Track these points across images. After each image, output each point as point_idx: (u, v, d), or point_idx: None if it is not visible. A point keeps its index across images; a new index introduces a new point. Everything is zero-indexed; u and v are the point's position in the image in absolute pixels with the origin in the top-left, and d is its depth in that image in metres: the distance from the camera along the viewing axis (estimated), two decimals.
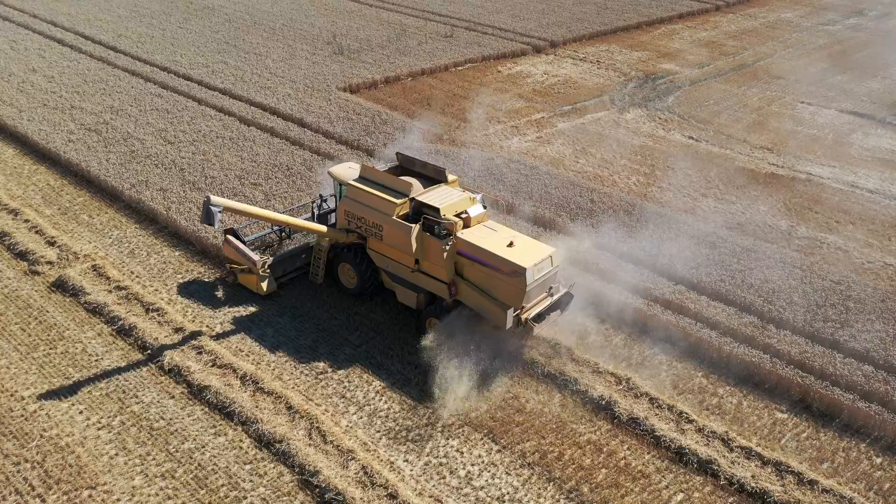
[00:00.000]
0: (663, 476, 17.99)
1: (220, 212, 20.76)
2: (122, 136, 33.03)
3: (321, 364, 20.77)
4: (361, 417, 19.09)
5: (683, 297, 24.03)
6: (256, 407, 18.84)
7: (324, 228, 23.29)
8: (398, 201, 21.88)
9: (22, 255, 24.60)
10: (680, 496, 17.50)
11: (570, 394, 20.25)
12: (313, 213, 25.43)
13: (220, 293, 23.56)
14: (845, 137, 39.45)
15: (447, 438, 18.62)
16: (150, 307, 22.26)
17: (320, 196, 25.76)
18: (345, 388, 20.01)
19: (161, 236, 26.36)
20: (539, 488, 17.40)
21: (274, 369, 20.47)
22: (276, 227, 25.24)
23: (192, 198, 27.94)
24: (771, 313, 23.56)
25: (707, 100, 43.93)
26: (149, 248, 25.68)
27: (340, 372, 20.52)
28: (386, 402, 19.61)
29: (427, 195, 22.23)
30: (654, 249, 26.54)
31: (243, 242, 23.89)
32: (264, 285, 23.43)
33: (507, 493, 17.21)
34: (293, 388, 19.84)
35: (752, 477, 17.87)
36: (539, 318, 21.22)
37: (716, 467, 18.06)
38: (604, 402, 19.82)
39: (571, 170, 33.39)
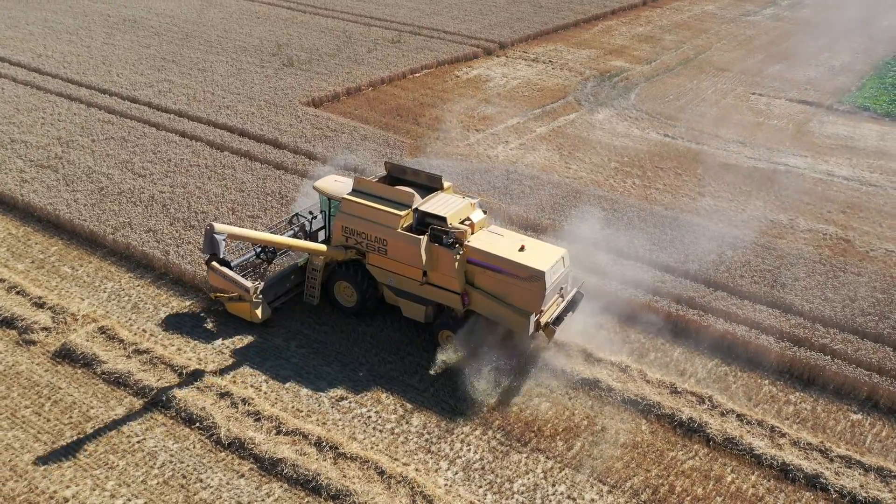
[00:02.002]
0: (776, 497, 17.55)
1: (223, 240, 19.41)
2: (84, 172, 29.50)
3: (370, 404, 19.13)
4: (457, 473, 17.55)
5: (728, 303, 23.82)
6: (344, 476, 16.92)
7: (323, 248, 21.82)
8: (402, 213, 20.76)
9: (7, 322, 21.26)
10: None
11: (657, 419, 19.53)
12: (298, 233, 23.88)
13: (250, 338, 21.23)
14: (804, 126, 40.94)
15: (552, 485, 17.42)
16: (182, 370, 19.71)
17: (297, 214, 24.29)
18: (426, 440, 18.40)
19: (163, 285, 23.57)
20: None
21: (343, 427, 18.54)
22: (259, 251, 23.37)
23: (190, 237, 25.22)
24: (812, 312, 23.75)
25: (666, 95, 44.53)
26: (153, 299, 22.87)
27: (411, 416, 18.96)
28: (472, 450, 18.16)
29: (429, 204, 21.29)
30: (681, 256, 26.31)
31: (230, 268, 21.87)
32: (259, 312, 21.65)
33: None
34: (372, 446, 18.02)
35: (861, 486, 17.75)
36: (558, 320, 20.74)
37: (823, 481, 17.81)
38: (695, 425, 19.22)
39: (567, 176, 32.75)
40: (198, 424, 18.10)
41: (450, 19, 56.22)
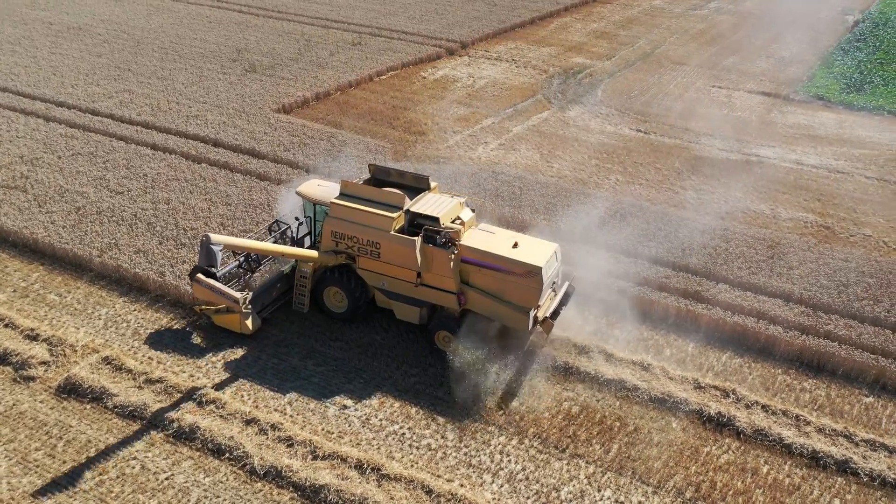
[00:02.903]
0: (811, 485, 17.91)
1: (220, 250, 18.97)
2: (56, 192, 27.85)
3: (402, 420, 18.68)
4: (502, 485, 17.26)
5: (732, 295, 24.23)
6: (392, 499, 16.39)
7: (314, 254, 21.42)
8: (394, 215, 20.58)
9: (2, 360, 19.81)
10: (837, 502, 17.51)
11: (685, 415, 19.68)
12: (279, 239, 23.57)
13: (263, 359, 20.40)
14: (767, 117, 42.17)
15: (598, 490, 17.33)
16: (201, 398, 18.78)
17: (277, 221, 23.89)
18: (465, 454, 18.03)
19: (162, 308, 22.43)
20: None
21: (379, 446, 17.99)
22: (242, 260, 22.75)
23: (184, 256, 24.10)
24: (812, 299, 24.39)
25: (631, 91, 45.17)
26: (153, 324, 21.74)
27: (446, 429, 18.58)
28: (513, 460, 17.90)
29: (420, 205, 21.23)
30: (679, 250, 26.67)
31: (216, 280, 21.19)
32: (249, 323, 21.07)
33: None
34: (412, 465, 17.54)
35: (889, 468, 18.29)
36: (555, 314, 20.99)
37: (854, 465, 18.28)
38: (724, 419, 19.45)
39: (552, 175, 32.79)
40: (227, 455, 17.25)
41: (407, 20, 55.65)
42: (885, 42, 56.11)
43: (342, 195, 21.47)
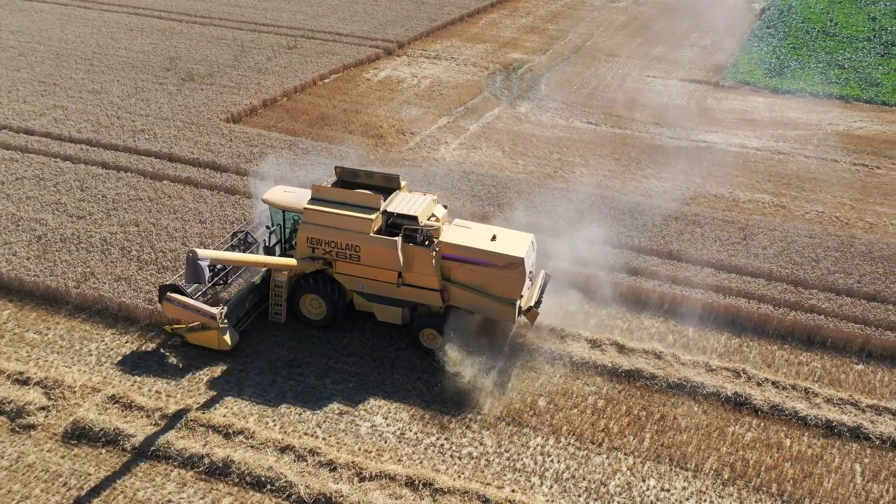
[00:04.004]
0: (831, 453, 18.86)
1: (207, 266, 18.50)
2: (10, 220, 25.64)
3: (436, 431, 18.45)
4: (552, 486, 17.27)
5: (720, 279, 25.17)
6: None
7: (293, 262, 21.01)
8: (372, 217, 20.50)
9: None
10: (858, 467, 18.51)
11: (704, 398, 20.31)
12: (256, 250, 23.33)
13: (279, 382, 19.56)
14: (703, 104, 44.01)
15: (643, 480, 17.63)
16: (226, 429, 17.79)
17: (236, 233, 23.59)
18: (508, 459, 17.92)
19: (156, 338, 21.08)
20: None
21: (421, 460, 17.62)
22: (211, 274, 21.82)
23: (168, 280, 22.69)
24: (791, 277, 25.66)
25: (572, 84, 46.09)
26: (151, 355, 20.42)
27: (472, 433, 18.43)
28: (555, 460, 17.94)
29: (395, 205, 21.33)
30: (660, 239, 27.45)
31: (189, 296, 20.52)
32: (228, 339, 20.48)
33: None
34: (459, 475, 17.26)
35: None
36: (538, 303, 21.40)
37: (865, 430, 19.39)
38: (741, 399, 20.19)
39: (519, 172, 33.04)
40: (269, 486, 16.43)
41: (337, 21, 54.58)
42: (793, 28, 59.70)
43: (314, 200, 21.10)
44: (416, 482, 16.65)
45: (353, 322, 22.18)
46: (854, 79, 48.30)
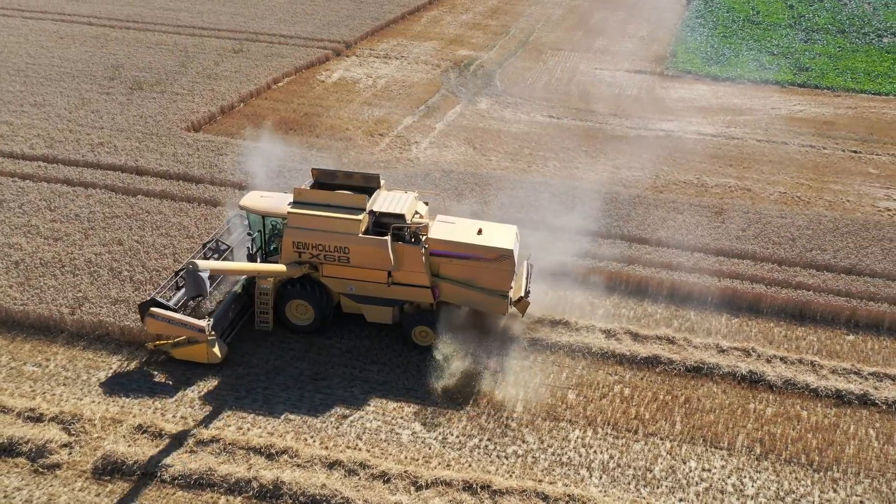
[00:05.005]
0: (846, 421, 19.92)
1: (208, 277, 18.05)
2: None
3: (477, 433, 18.49)
4: (601, 476, 17.54)
5: (710, 262, 26.08)
6: None
7: (282, 268, 20.68)
8: (360, 217, 20.50)
9: (5, 451, 16.79)
10: (872, 432, 19.63)
11: (722, 378, 21.06)
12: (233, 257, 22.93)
13: (307, 396, 19.04)
14: (654, 94, 45.40)
15: (683, 462, 18.13)
16: (267, 450, 17.18)
17: (207, 242, 23.05)
18: (553, 454, 18.07)
19: (168, 361, 20.07)
20: (802, 475, 18.11)
21: (469, 463, 17.56)
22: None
23: (145, 297, 21.57)
24: (774, 256, 26.85)
25: (525, 79, 46.65)
26: (169, 378, 19.50)
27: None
28: (597, 450, 18.24)
29: (380, 204, 21.42)
30: (647, 228, 28.21)
31: (173, 310, 20.02)
32: (218, 351, 20.09)
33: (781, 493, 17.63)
34: (510, 474, 17.29)
35: None
36: (527, 293, 21.81)
37: (872, 397, 20.59)
38: (756, 377, 21.05)
39: (495, 169, 33.24)
40: None
41: (278, 22, 53.21)
42: (721, 18, 62.31)
43: (298, 203, 20.76)
44: (474, 486, 16.59)
45: (369, 329, 21.83)
46: (785, 64, 50.92)
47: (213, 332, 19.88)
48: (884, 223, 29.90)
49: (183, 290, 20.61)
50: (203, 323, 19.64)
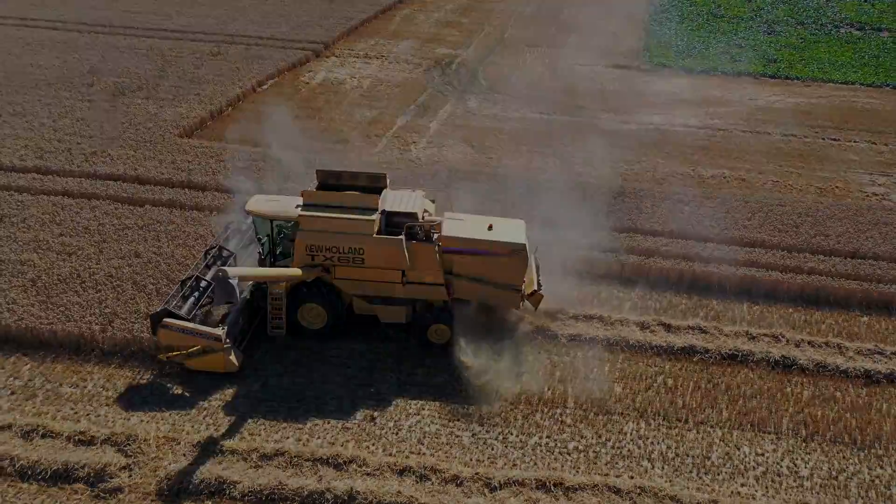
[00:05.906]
0: (878, 400, 20.70)
1: (237, 284, 17.93)
2: None
3: (534, 430, 18.62)
4: (663, 467, 17.83)
5: (724, 252, 26.62)
6: None
7: (298, 272, 20.53)
8: (374, 218, 20.55)
9: (61, 477, 16.12)
10: None
11: (756, 364, 21.63)
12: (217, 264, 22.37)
13: (360, 400, 18.82)
14: (635, 88, 46.07)
15: (737, 448, 18.59)
16: (333, 460, 16.92)
17: (209, 249, 22.54)
18: (613, 447, 18.28)
19: (212, 374, 19.53)
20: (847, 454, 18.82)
21: (535, 461, 17.65)
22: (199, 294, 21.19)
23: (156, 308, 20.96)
24: (782, 244, 27.69)
25: (508, 76, 46.80)
26: (220, 393, 19.00)
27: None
28: (653, 441, 18.54)
29: (391, 204, 21.52)
30: (657, 220, 28.77)
31: (186, 320, 19.70)
32: (234, 359, 19.85)
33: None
34: (576, 470, 17.43)
35: None
36: (539, 286, 22.15)
37: None
38: (789, 361, 21.68)
39: (500, 166, 33.20)
40: None
41: (250, 24, 52.20)
42: (685, 12, 63.82)
43: (307, 206, 20.61)
44: (547, 484, 16.69)
45: (401, 332, 21.64)
46: (754, 56, 52.44)
47: (228, 341, 19.54)
48: (876, 207, 31.15)
49: (192, 299, 20.25)
50: (219, 332, 19.32)
